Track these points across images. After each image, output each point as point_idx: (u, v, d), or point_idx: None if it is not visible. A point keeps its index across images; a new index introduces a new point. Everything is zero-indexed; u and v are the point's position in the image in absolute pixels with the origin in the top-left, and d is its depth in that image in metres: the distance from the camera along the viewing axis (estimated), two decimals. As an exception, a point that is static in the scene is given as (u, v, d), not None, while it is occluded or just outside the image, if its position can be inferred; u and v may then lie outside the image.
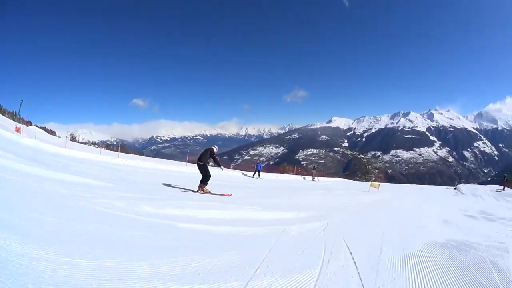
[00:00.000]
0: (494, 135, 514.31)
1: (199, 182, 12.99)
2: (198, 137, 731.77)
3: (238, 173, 36.10)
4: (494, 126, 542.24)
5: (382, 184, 35.45)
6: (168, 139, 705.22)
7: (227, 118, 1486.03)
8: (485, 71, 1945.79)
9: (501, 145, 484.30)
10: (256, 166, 35.92)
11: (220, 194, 12.36)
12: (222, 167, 14.83)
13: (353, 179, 59.79)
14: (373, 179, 66.66)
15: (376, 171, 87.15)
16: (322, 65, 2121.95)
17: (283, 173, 48.89)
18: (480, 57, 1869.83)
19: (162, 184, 14.11)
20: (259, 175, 35.07)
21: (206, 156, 13.48)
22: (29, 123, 64.07)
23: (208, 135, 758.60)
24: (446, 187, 47.64)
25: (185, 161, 38.71)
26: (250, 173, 35.94)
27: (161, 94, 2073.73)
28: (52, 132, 76.55)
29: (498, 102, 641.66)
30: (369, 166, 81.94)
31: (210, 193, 12.48)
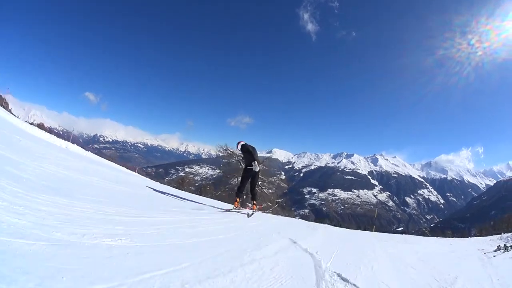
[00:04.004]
0: (442, 184, 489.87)
1: (236, 197, 10.39)
2: (139, 144, 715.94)
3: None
4: (443, 176, 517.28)
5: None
6: (111, 140, 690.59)
7: (170, 131, 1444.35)
8: (439, 124, 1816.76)
9: (448, 194, 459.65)
10: None
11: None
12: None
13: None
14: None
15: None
16: (272, 95, 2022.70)
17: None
18: (435, 108, 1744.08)
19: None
20: None
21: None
22: (-11, 88, 53.46)
23: (149, 144, 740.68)
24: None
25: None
26: None
27: (112, 92, 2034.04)
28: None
29: (451, 154, 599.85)
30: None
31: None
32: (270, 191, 39.25)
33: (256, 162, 9.54)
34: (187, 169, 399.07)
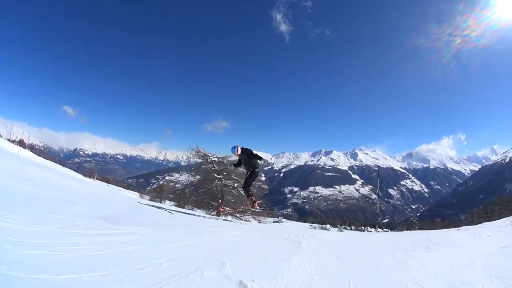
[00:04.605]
0: (424, 174, 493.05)
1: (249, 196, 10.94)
2: (119, 156, 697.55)
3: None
4: (425, 165, 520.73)
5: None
6: (91, 153, 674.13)
7: (148, 141, 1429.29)
8: (417, 114, 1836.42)
9: (432, 182, 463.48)
10: None
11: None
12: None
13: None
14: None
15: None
16: (248, 98, 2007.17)
17: None
18: (412, 99, 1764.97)
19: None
20: None
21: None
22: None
23: (128, 155, 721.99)
24: None
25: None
26: None
27: (89, 105, 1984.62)
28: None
29: (432, 143, 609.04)
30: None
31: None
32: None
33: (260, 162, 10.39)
34: (167, 177, 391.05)
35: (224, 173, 30.55)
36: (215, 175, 31.73)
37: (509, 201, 61.93)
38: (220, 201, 29.37)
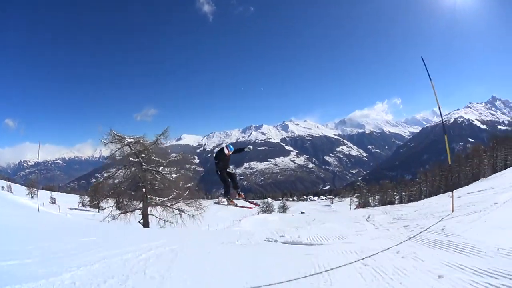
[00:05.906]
0: (361, 139, 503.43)
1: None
2: (58, 161, 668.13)
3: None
4: (361, 130, 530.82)
5: None
6: (33, 163, 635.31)
7: (82, 140, 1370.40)
8: (346, 81, 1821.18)
9: (370, 146, 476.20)
10: None
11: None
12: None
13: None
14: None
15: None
16: (174, 82, 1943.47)
17: None
18: (340, 66, 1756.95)
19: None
20: None
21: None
22: None
23: (67, 158, 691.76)
24: None
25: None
26: None
27: (24, 114, 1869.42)
28: None
29: (365, 108, 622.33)
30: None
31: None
32: (174, 175, 30.87)
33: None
34: (105, 174, 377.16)
35: (143, 155, 28.72)
36: (131, 158, 28.23)
37: (468, 158, 69.46)
38: (144, 190, 27.61)
